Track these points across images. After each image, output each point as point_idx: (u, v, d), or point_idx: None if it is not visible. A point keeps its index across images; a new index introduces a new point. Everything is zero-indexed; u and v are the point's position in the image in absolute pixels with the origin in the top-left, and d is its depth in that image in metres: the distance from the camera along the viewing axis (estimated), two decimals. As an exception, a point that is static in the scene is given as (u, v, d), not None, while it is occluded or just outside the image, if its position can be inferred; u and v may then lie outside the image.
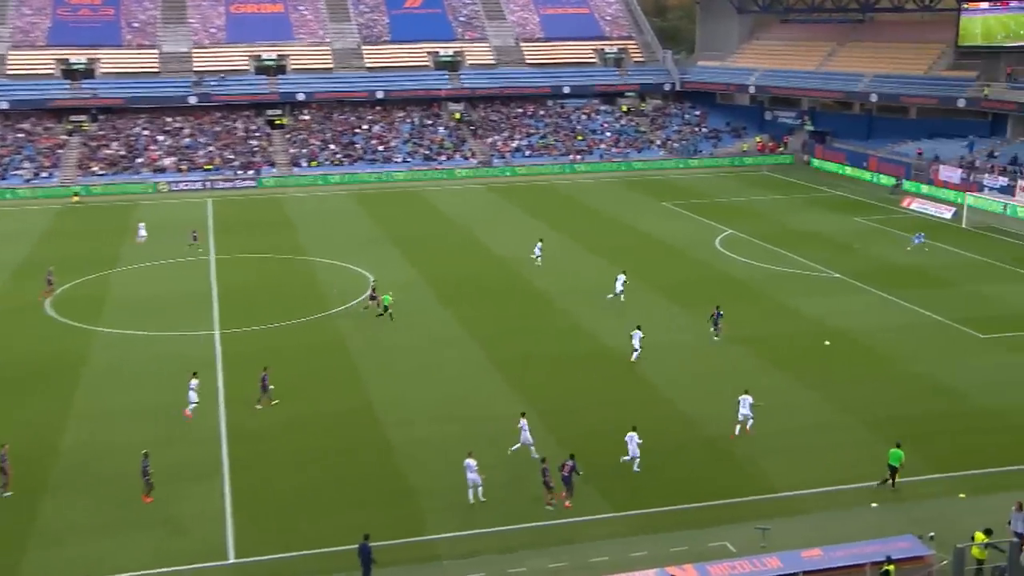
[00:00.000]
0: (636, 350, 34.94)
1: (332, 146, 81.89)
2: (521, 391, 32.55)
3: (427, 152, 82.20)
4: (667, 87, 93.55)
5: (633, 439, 27.06)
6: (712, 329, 37.74)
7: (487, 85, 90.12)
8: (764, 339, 37.61)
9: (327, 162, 79.43)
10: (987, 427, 29.50)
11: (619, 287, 42.17)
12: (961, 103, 73.42)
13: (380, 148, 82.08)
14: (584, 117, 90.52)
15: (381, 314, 39.64)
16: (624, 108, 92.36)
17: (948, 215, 60.75)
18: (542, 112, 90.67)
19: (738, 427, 29.20)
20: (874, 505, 25.35)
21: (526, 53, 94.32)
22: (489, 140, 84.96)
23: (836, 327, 38.89)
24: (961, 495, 25.74)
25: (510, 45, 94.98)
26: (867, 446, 28.44)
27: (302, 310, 41.51)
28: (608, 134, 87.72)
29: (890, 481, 26.05)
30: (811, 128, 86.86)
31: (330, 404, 31.85)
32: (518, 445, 27.83)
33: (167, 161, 77.34)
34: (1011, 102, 69.98)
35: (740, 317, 39.83)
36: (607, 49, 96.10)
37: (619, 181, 77.02)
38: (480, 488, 25.58)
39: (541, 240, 50.56)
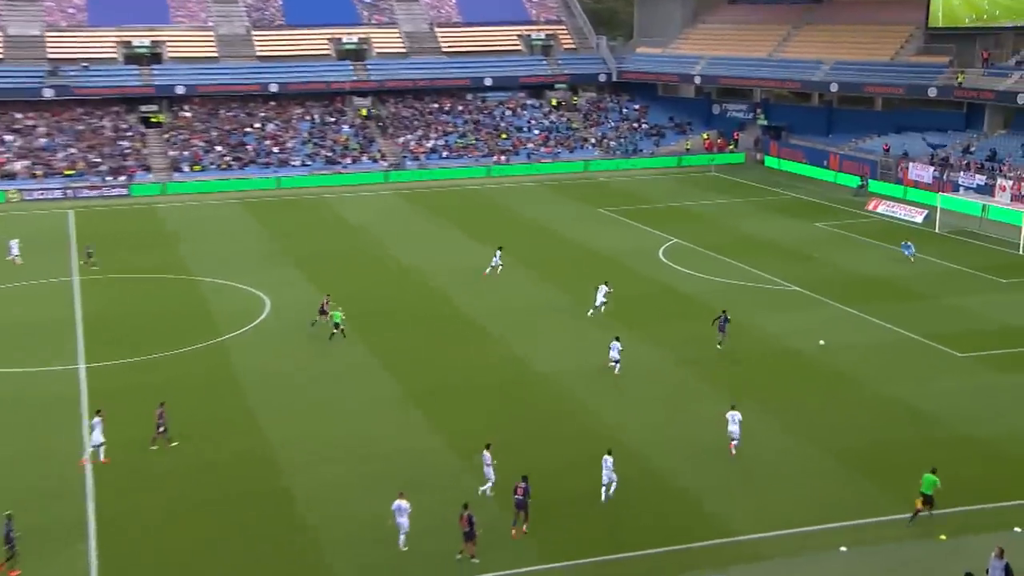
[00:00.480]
0: (615, 362, 36.19)
1: (219, 147, 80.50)
2: (442, 427, 32.18)
3: (330, 154, 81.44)
4: (602, 78, 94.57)
5: (607, 463, 27.55)
6: (718, 335, 38.99)
7: (397, 77, 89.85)
8: (713, 361, 37.96)
9: (213, 166, 78.02)
10: (969, 458, 30.08)
11: (601, 298, 43.01)
12: (932, 92, 75.75)
13: (275, 150, 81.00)
14: (509, 113, 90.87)
15: (333, 332, 39.95)
16: (554, 102, 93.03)
17: (919, 219, 62.44)
18: (461, 107, 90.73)
19: (735, 443, 30.41)
20: (843, 549, 25.57)
21: (442, 40, 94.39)
22: (401, 140, 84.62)
23: (796, 346, 39.44)
24: (942, 536, 26.13)
25: (423, 31, 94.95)
26: (835, 480, 28.76)
27: (185, 338, 40.44)
28: (536, 132, 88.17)
29: (924, 511, 26.31)
30: (764, 123, 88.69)
31: (219, 446, 30.97)
32: (489, 484, 27.71)
33: (18, 165, 74.88)
34: (988, 90, 72.44)
35: (688, 336, 40.16)
36: (534, 35, 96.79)
37: (549, 185, 77.34)
38: (403, 536, 25.32)
39: (500, 248, 51.11)
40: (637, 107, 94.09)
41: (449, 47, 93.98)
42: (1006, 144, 70.58)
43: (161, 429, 31.09)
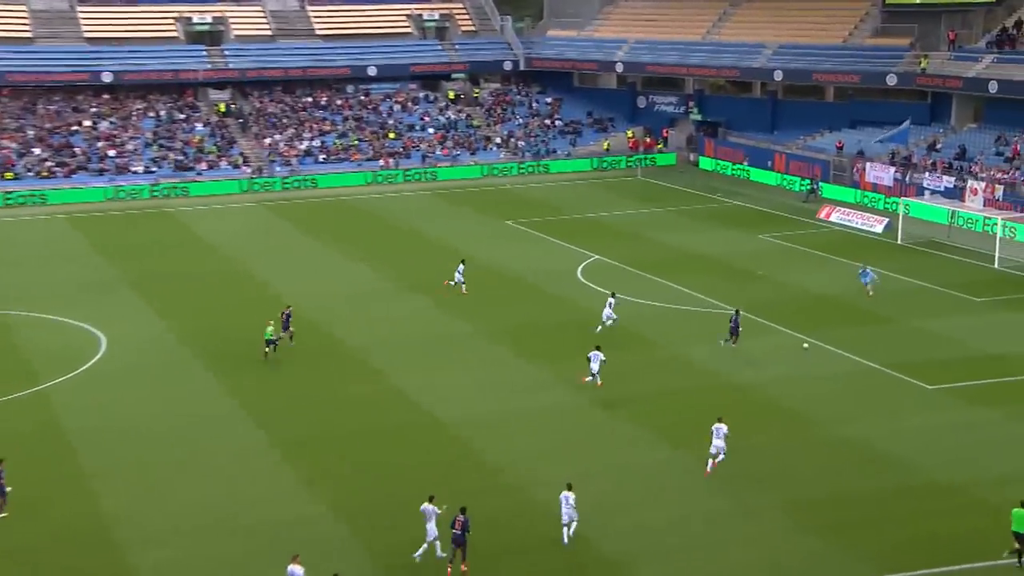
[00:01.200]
0: (593, 375, 38.54)
1: (37, 150, 78.54)
2: (320, 485, 31.64)
3: (180, 158, 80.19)
4: (508, 66, 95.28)
5: (568, 500, 28.37)
6: (730, 337, 42.06)
7: (262, 65, 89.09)
8: (645, 398, 38.19)
9: (29, 173, 75.99)
10: (943, 509, 30.58)
11: (609, 312, 44.81)
12: (892, 80, 78.05)
13: (111, 153, 79.36)
14: (397, 108, 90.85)
15: (267, 352, 42.04)
16: (451, 95, 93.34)
17: (879, 228, 64.06)
18: (340, 102, 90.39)
19: (710, 462, 31.86)
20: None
21: (315, 21, 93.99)
22: (267, 141, 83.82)
23: (740, 380, 39.90)
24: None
25: (292, 10, 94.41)
26: (787, 538, 29.05)
27: (-5, 387, 39.13)
28: (431, 130, 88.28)
29: (1019, 554, 26.59)
30: (698, 118, 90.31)
31: (41, 520, 29.88)
32: (425, 547, 27.60)
33: None
34: (955, 77, 74.78)
35: (613, 370, 40.38)
36: (426, 16, 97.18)
37: (447, 193, 77.38)
38: None
39: (463, 262, 51.77)
40: (549, 100, 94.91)
41: (325, 29, 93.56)
42: (977, 140, 73.07)
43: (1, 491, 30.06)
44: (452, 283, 51.05)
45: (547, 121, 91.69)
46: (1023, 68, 70.39)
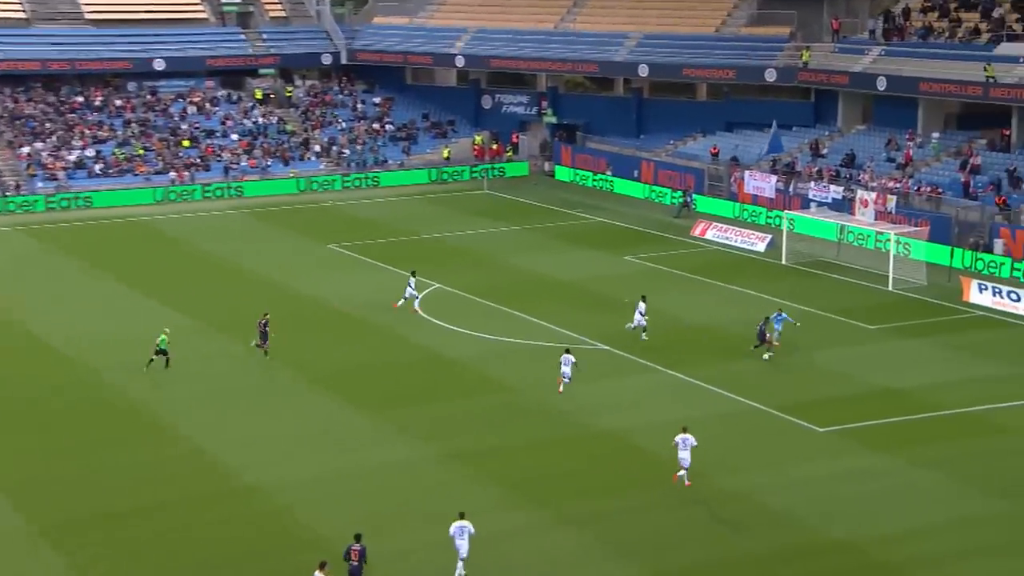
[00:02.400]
0: (566, 379, 42.67)
1: None
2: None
3: (-80, 172, 77.61)
4: (327, 60, 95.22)
5: (464, 531, 30.46)
6: (774, 338, 46.29)
7: (16, 55, 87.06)
8: (494, 450, 38.40)
9: None
10: (839, 570, 31.35)
11: (639, 317, 48.68)
12: (771, 75, 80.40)
13: None
14: (193, 110, 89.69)
15: (152, 360, 45.08)
16: (259, 95, 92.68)
17: (761, 247, 65.81)
18: (120, 102, 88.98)
19: (683, 473, 34.84)
20: None
21: (84, 3, 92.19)
22: (25, 151, 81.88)
23: (605, 427, 40.38)
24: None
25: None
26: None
27: None
28: (235, 137, 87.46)
29: None
30: (553, 120, 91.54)
31: None
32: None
33: None
34: (841, 72, 77.39)
35: (453, 417, 40.59)
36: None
37: (256, 212, 76.78)
38: None
39: (414, 273, 53.52)
40: (377, 101, 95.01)
41: (96, 12, 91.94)
42: (866, 143, 75.82)
43: None
44: (402, 301, 52.71)
45: (376, 125, 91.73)
46: (915, 62, 73.37)
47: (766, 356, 46.65)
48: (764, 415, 41.57)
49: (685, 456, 35.23)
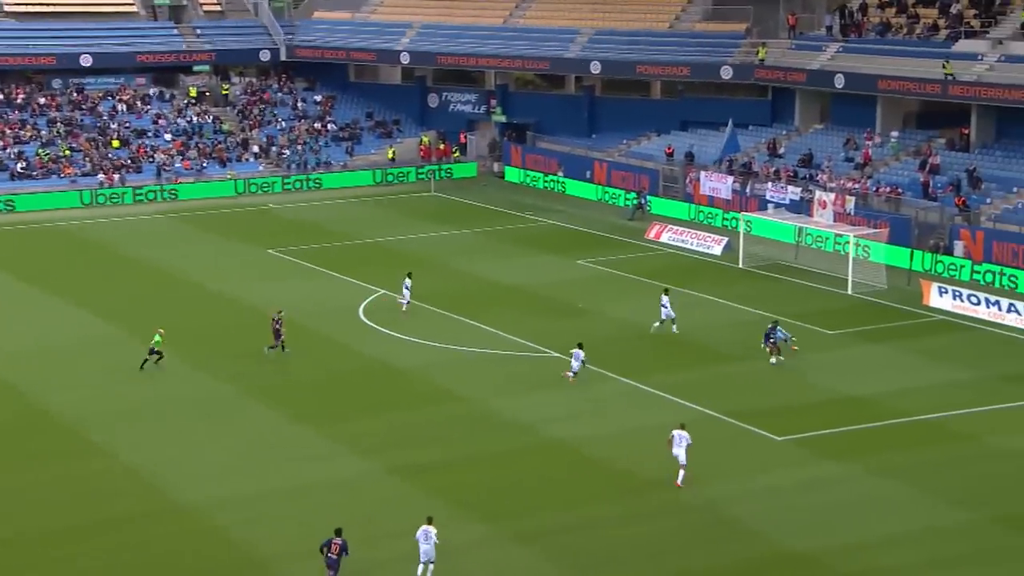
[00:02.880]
0: (573, 373, 44.46)
1: None
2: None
3: None
4: (265, 56, 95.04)
5: (429, 535, 31.27)
6: (780, 344, 46.96)
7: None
8: (443, 463, 38.59)
9: None
10: (797, 581, 32.00)
11: (668, 310, 50.41)
12: (727, 73, 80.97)
13: None
14: (123, 108, 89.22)
15: (147, 359, 46.59)
16: (193, 92, 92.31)
17: (718, 249, 66.30)
18: (44, 100, 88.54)
19: (681, 472, 36.32)
20: None
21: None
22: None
23: (560, 436, 40.64)
24: None
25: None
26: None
27: None
28: (168, 137, 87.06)
29: None
30: (503, 119, 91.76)
31: None
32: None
33: None
34: (798, 70, 78.08)
35: (400, 430, 40.71)
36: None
37: (192, 216, 76.56)
38: None
39: (410, 275, 54.11)
40: (319, 99, 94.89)
41: (18, 6, 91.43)
42: (824, 143, 76.58)
43: None
44: (403, 301, 53.75)
45: (317, 125, 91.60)
46: (873, 59, 74.19)
47: (773, 360, 47.23)
48: (721, 424, 41.95)
49: (679, 454, 36.45)
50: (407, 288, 53.99)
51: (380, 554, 32.94)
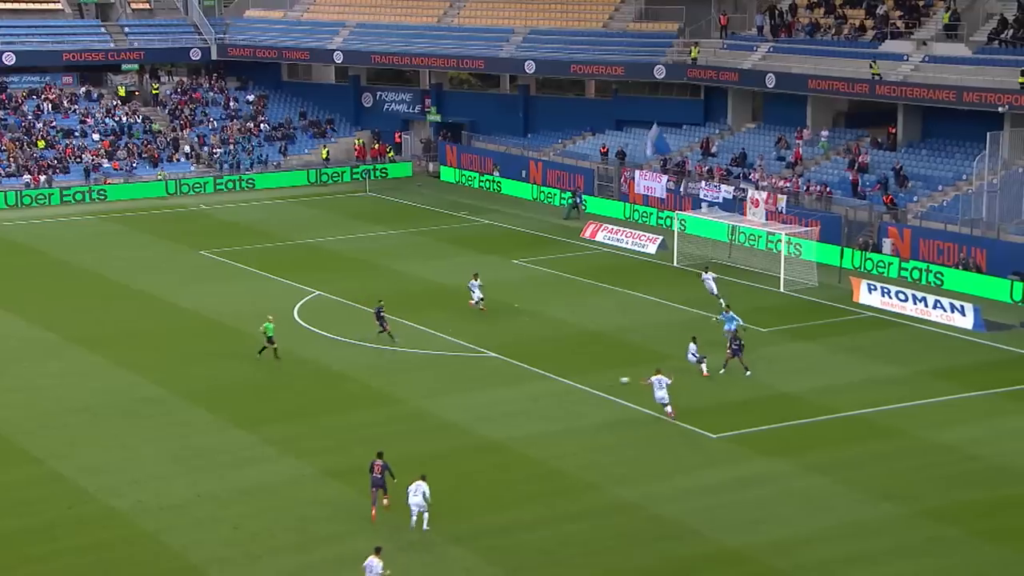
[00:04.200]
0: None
1: None
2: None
3: None
4: (196, 55, 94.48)
5: (420, 491, 33.95)
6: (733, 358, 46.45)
7: None
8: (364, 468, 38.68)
9: None
10: (730, 578, 32.38)
11: (718, 297, 52.18)
12: (660, 72, 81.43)
13: None
14: (49, 108, 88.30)
15: (264, 347, 47.81)
16: (122, 92, 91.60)
17: (652, 248, 66.65)
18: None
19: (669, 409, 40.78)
20: None
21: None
22: None
23: (494, 437, 40.78)
24: None
25: None
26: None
27: None
28: (97, 137, 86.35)
29: None
30: (437, 119, 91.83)
31: None
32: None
33: None
34: (730, 69, 78.72)
35: (335, 433, 40.71)
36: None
37: (122, 217, 76.21)
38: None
39: (477, 276, 54.38)
40: (251, 98, 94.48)
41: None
42: (756, 142, 77.23)
43: None
44: (474, 302, 53.99)
45: (250, 124, 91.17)
46: (803, 59, 74.92)
47: (748, 374, 46.72)
48: (656, 422, 42.21)
49: (662, 395, 41.00)
50: (475, 287, 53.92)
51: (313, 558, 32.92)
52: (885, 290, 55.99)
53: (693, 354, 46.40)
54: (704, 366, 46.11)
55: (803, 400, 44.25)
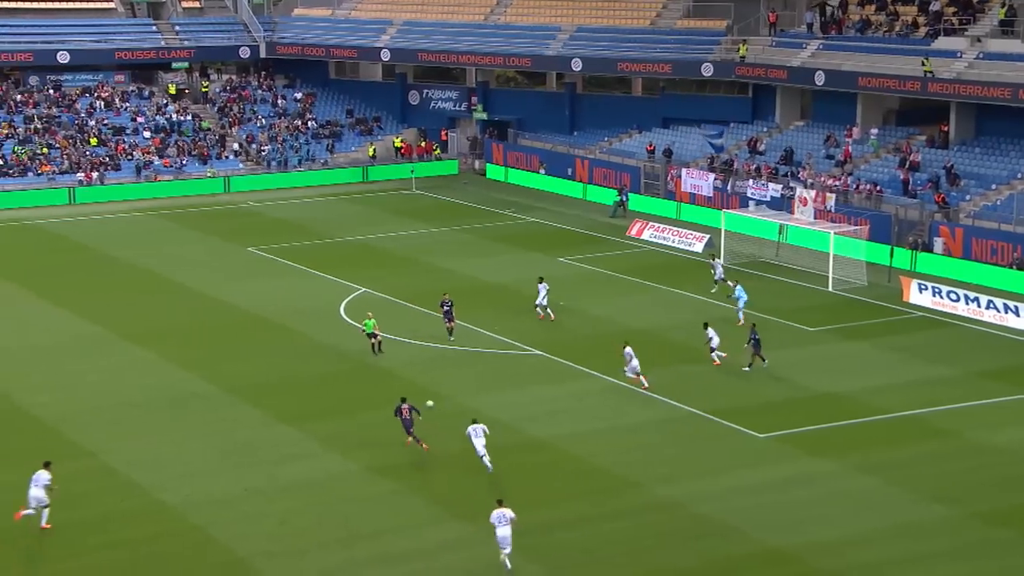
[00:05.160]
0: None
1: None
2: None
3: None
4: (245, 53, 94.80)
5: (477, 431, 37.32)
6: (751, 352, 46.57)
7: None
8: (422, 463, 38.68)
9: None
10: (776, 578, 32.13)
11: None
12: (708, 70, 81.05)
13: None
14: (101, 106, 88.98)
15: (373, 343, 48.55)
16: (172, 90, 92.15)
17: (699, 247, 66.41)
18: (21, 97, 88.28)
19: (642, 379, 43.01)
20: None
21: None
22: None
23: (539, 436, 40.74)
24: None
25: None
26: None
27: None
28: (147, 134, 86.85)
29: None
30: (484, 117, 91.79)
31: None
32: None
33: None
34: (779, 67, 78.17)
35: (380, 429, 40.60)
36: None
37: (172, 214, 76.47)
38: None
39: (543, 280, 53.77)
40: (299, 96, 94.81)
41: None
42: (804, 140, 76.69)
43: None
44: (541, 310, 53.16)
45: (297, 122, 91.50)
46: (853, 56, 74.33)
47: (747, 368, 46.75)
48: (703, 421, 42.07)
49: (635, 365, 43.96)
50: (543, 294, 53.31)
51: (359, 553, 32.99)
52: (936, 289, 55.51)
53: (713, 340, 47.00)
54: (717, 354, 46.81)
55: (852, 400, 43.93)
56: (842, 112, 75.69)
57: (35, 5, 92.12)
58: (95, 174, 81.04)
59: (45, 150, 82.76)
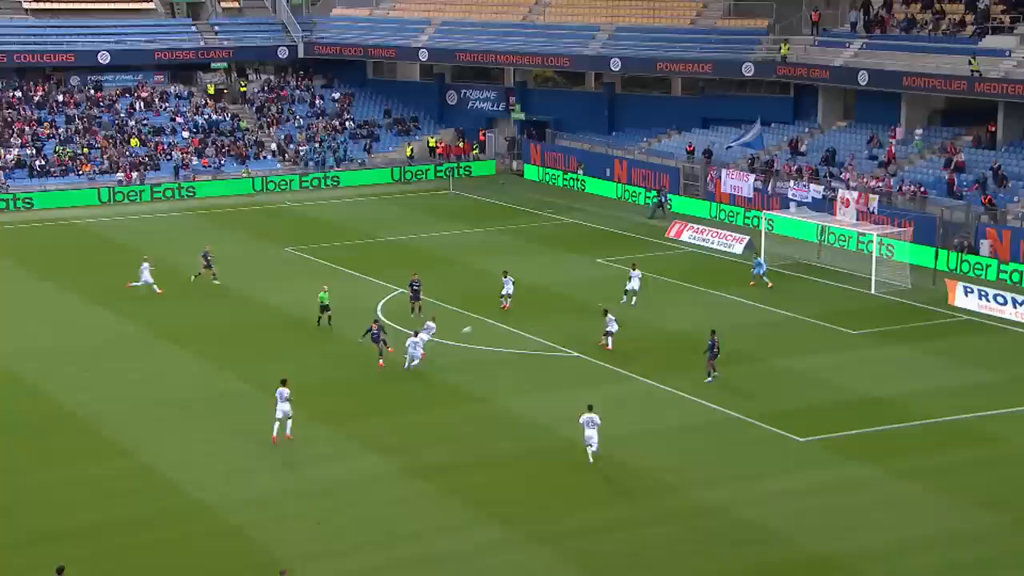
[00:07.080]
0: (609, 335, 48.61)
1: None
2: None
3: None
4: (283, 53, 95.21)
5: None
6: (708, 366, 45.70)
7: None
8: (460, 464, 38.66)
9: None
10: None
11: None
12: (748, 70, 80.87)
13: None
14: (141, 106, 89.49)
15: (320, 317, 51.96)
16: (211, 90, 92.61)
17: (739, 248, 66.24)
18: (62, 97, 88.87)
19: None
20: None
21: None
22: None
23: (574, 439, 40.48)
24: None
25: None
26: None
27: None
28: (186, 134, 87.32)
29: None
30: (522, 117, 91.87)
31: None
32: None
33: None
34: (821, 67, 77.91)
35: (417, 430, 40.86)
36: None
37: (209, 214, 76.89)
38: None
39: (506, 273, 54.96)
40: (337, 96, 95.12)
41: (36, 3, 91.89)
42: (847, 141, 76.42)
43: None
44: (506, 302, 54.45)
45: (335, 122, 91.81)
46: (897, 55, 73.96)
47: (709, 379, 45.94)
48: (743, 425, 41.95)
49: (613, 328, 47.74)
50: (508, 285, 54.60)
51: (396, 555, 33.06)
52: (983, 293, 55.14)
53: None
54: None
55: (895, 404, 43.70)
56: (885, 112, 75.35)
57: (76, 6, 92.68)
58: (135, 174, 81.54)
59: (86, 150, 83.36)
